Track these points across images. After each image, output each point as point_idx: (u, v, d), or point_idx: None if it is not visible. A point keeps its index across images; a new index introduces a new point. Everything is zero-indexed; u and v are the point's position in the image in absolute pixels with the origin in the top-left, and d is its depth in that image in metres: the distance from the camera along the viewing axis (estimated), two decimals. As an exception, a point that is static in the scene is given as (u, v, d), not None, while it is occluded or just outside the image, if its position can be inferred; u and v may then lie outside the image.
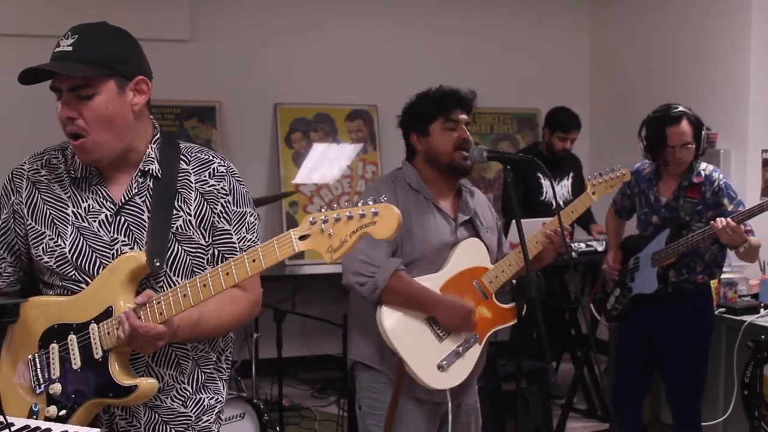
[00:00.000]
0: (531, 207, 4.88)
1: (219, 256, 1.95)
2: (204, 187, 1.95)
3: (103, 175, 1.94)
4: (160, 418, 1.94)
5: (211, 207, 1.94)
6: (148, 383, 1.84)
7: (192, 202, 1.93)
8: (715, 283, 3.92)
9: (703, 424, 3.66)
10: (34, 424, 1.76)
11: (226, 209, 1.95)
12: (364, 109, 6.17)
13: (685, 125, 3.44)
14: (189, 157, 1.98)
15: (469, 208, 2.84)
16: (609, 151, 6.22)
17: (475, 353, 2.74)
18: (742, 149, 4.97)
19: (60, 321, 1.90)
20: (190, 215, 1.92)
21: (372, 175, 6.08)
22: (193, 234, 1.92)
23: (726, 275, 4.09)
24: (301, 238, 1.64)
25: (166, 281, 1.90)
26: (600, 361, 5.14)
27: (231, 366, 2.10)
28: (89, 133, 1.84)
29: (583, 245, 4.78)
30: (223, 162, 2.00)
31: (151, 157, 1.93)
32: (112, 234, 1.90)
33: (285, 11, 6.00)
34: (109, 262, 1.88)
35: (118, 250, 1.89)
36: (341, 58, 6.09)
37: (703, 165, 3.54)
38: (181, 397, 1.96)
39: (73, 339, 1.88)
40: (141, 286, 1.88)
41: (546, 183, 4.99)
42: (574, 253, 4.53)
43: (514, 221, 2.59)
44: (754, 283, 4.23)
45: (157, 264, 1.85)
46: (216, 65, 5.84)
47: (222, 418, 2.07)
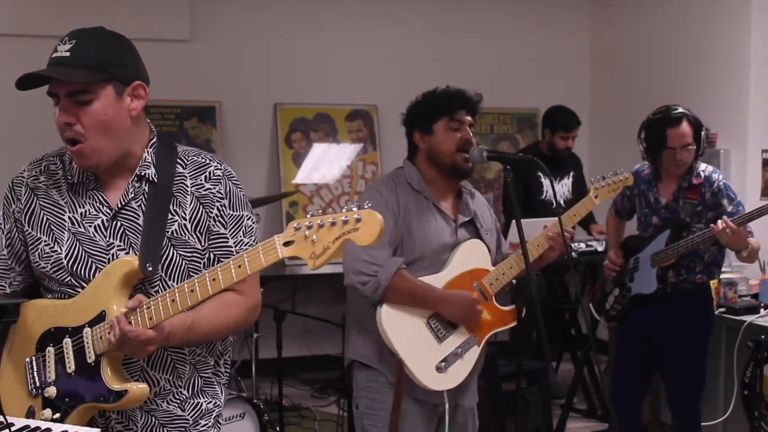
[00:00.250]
0: (531, 206, 4.88)
1: (215, 261, 1.93)
2: (200, 191, 1.93)
3: (100, 180, 1.93)
4: (157, 422, 1.93)
5: (207, 211, 1.92)
6: (138, 388, 1.83)
7: (187, 206, 1.92)
8: (715, 283, 3.92)
9: (703, 424, 3.66)
10: (34, 424, 1.76)
11: (222, 213, 1.93)
12: (364, 109, 6.17)
13: (686, 127, 3.43)
14: (186, 161, 1.97)
15: (469, 210, 2.83)
16: (609, 150, 6.22)
17: (473, 355, 2.74)
18: (742, 149, 4.97)
19: (57, 324, 1.90)
20: (186, 219, 1.91)
21: (372, 175, 6.08)
22: (188, 238, 1.91)
23: (726, 275, 4.09)
24: (286, 244, 1.63)
25: (161, 285, 1.89)
26: (600, 361, 5.13)
27: (231, 366, 2.09)
28: (87, 139, 1.83)
29: (583, 245, 4.79)
30: (220, 165, 1.98)
31: (148, 162, 1.92)
32: (108, 239, 1.89)
33: (285, 11, 6.00)
34: (104, 267, 1.87)
35: (114, 255, 1.88)
36: (341, 58, 6.09)
37: (702, 166, 3.54)
38: (178, 401, 1.96)
39: (68, 342, 1.88)
40: (136, 290, 1.87)
41: (546, 182, 4.99)
42: (574, 253, 4.53)
43: (514, 221, 2.59)
44: (754, 283, 4.22)
45: (150, 269, 1.84)
46: (216, 65, 5.83)
47: (221, 422, 2.06)
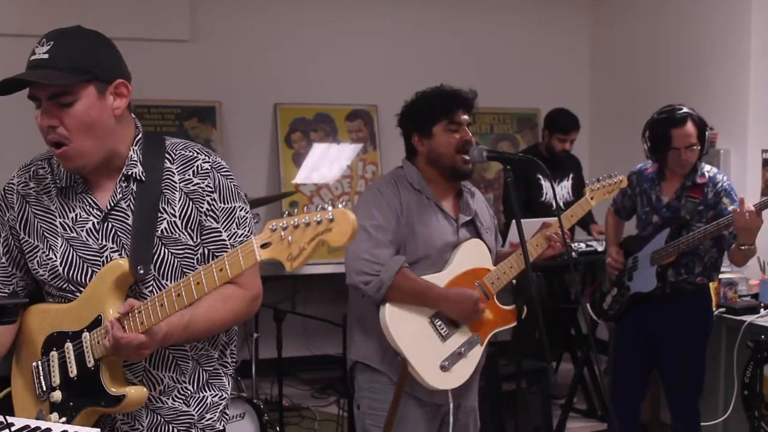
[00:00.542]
0: (531, 208, 4.88)
1: (209, 255, 1.91)
2: (188, 186, 1.90)
3: (89, 182, 1.91)
4: (162, 419, 1.93)
5: (197, 206, 1.90)
6: (136, 392, 1.82)
7: (176, 203, 1.89)
8: (715, 283, 3.92)
9: (703, 424, 3.66)
10: (34, 424, 1.76)
11: (212, 207, 1.90)
12: (364, 109, 6.17)
13: (690, 127, 3.43)
14: (173, 155, 1.93)
15: (470, 209, 2.83)
16: (609, 151, 6.22)
17: (477, 354, 2.74)
18: (742, 149, 4.96)
19: (58, 329, 1.90)
20: (175, 216, 1.88)
21: (372, 175, 6.07)
22: (179, 236, 1.89)
23: (726, 275, 4.09)
24: (264, 245, 1.61)
25: (155, 285, 1.88)
26: (600, 361, 5.13)
27: (236, 361, 2.09)
28: (71, 141, 1.80)
29: (583, 245, 4.79)
30: (208, 158, 1.94)
31: (134, 160, 1.89)
32: (100, 241, 1.88)
33: (285, 11, 6.00)
34: (99, 270, 1.86)
35: (107, 258, 1.87)
36: (341, 58, 6.08)
37: (707, 167, 3.54)
38: (183, 397, 1.95)
39: (69, 347, 1.87)
40: (131, 291, 1.86)
41: (546, 184, 4.99)
42: (574, 253, 4.53)
43: (514, 221, 2.59)
44: (754, 283, 4.22)
45: (141, 271, 1.82)
46: (216, 65, 5.83)
47: (227, 415, 2.04)
